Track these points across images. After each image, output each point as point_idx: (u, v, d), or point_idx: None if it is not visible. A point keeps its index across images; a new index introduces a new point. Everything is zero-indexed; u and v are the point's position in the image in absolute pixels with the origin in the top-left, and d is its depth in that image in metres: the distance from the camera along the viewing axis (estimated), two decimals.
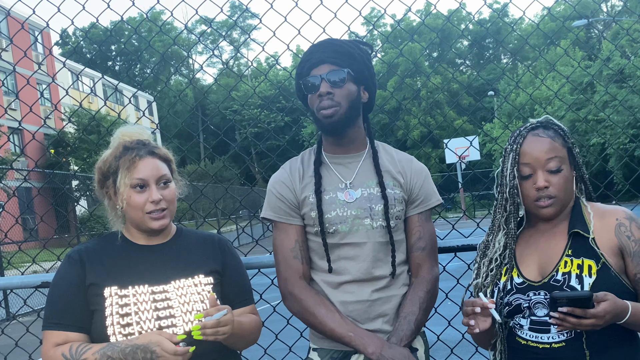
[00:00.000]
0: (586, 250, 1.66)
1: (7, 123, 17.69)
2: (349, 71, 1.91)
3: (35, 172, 12.63)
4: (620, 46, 23.07)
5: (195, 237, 1.93)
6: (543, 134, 1.74)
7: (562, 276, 1.65)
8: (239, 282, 1.94)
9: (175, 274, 1.80)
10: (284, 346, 2.89)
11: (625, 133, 19.59)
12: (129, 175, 1.74)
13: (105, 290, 1.74)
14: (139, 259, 1.80)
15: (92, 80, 29.68)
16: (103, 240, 1.86)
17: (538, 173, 1.70)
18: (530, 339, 1.69)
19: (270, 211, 2.00)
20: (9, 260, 3.89)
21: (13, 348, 2.94)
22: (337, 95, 1.90)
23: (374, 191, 1.94)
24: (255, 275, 2.78)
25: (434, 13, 24.25)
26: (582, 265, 1.64)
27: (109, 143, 1.87)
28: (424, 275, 1.97)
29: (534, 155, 1.71)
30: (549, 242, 1.74)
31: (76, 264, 1.77)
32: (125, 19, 3.12)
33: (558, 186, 1.70)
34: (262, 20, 3.09)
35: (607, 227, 1.69)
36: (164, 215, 1.77)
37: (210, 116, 45.76)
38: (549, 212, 1.71)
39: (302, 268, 1.95)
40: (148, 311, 1.72)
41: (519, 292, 1.71)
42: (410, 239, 2.00)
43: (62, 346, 1.72)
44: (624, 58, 22.42)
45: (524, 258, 1.76)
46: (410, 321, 1.89)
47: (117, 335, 1.69)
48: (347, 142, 1.99)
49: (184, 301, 1.76)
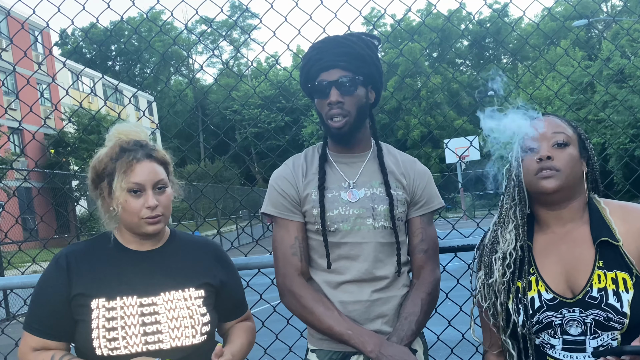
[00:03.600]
0: (617, 262, 1.55)
1: (7, 123, 17.69)
2: (359, 78, 1.89)
3: (35, 172, 12.63)
4: (620, 46, 23.06)
5: (189, 244, 1.87)
6: (552, 116, 1.69)
7: (598, 293, 1.53)
8: (235, 296, 1.92)
9: (165, 284, 1.74)
10: (284, 346, 2.89)
11: (625, 133, 19.56)
12: (126, 179, 1.68)
13: (92, 302, 1.68)
14: (129, 266, 1.74)
15: (92, 80, 29.68)
16: (94, 242, 1.80)
17: (542, 145, 1.61)
18: (563, 358, 1.58)
19: (271, 206, 1.98)
20: (9, 260, 3.89)
21: (13, 348, 2.94)
22: (347, 104, 1.88)
23: (377, 191, 1.94)
24: (255, 276, 2.78)
25: (434, 13, 24.26)
26: (617, 280, 1.53)
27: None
28: (425, 277, 1.97)
29: (540, 130, 1.63)
30: (573, 251, 1.61)
31: (62, 272, 1.71)
32: (125, 19, 3.12)
33: (563, 160, 1.59)
34: (262, 20, 3.09)
35: (633, 232, 1.57)
36: (159, 220, 1.72)
37: (210, 116, 45.67)
38: (550, 184, 1.58)
39: (300, 265, 1.94)
40: (135, 325, 1.67)
41: (551, 310, 1.58)
42: (413, 241, 2.00)
43: (43, 353, 1.69)
44: (624, 58, 22.40)
45: (547, 268, 1.63)
46: (412, 322, 1.88)
47: (102, 348, 1.64)
48: (354, 144, 1.99)
49: (172, 316, 1.70)
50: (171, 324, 1.70)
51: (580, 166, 1.65)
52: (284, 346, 2.89)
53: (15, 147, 20.63)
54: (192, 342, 1.71)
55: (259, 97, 7.98)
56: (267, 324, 2.82)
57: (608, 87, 6.05)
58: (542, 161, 1.60)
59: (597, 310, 1.53)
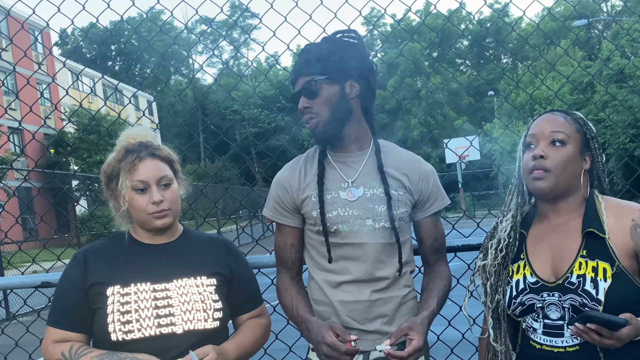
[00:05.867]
0: (601, 252, 1.61)
1: (7, 123, 17.70)
2: (319, 78, 1.88)
3: (35, 172, 12.62)
4: (620, 46, 23.05)
5: (201, 239, 1.95)
6: (558, 114, 1.71)
7: (576, 278, 1.60)
8: (247, 288, 1.98)
9: (178, 272, 1.82)
10: (284, 346, 2.89)
11: (625, 133, 19.57)
12: (130, 177, 1.76)
13: (108, 289, 1.76)
14: (143, 257, 1.83)
15: (92, 80, 29.67)
16: (111, 239, 1.90)
17: (540, 144, 1.67)
18: (544, 343, 1.67)
19: (269, 210, 2.05)
20: (9, 260, 3.89)
21: (13, 348, 2.94)
22: (315, 107, 1.90)
23: (377, 191, 1.93)
24: (256, 276, 2.78)
25: (434, 13, 24.23)
26: (597, 269, 1.59)
27: (109, 143, 1.89)
28: (444, 270, 2.02)
29: (540, 127, 1.69)
30: (562, 240, 1.68)
31: (79, 265, 1.81)
32: (125, 19, 3.12)
33: (555, 160, 1.64)
34: (262, 20, 3.08)
35: (622, 228, 1.63)
36: (166, 214, 1.79)
37: (210, 116, 45.68)
38: (541, 185, 1.64)
39: (290, 267, 2.03)
40: (148, 309, 1.74)
41: (533, 292, 1.67)
42: (427, 242, 2.02)
43: (63, 345, 1.76)
44: (624, 58, 22.40)
45: (537, 254, 1.71)
46: (437, 295, 1.93)
47: (117, 332, 1.71)
48: (348, 142, 1.96)
49: (184, 300, 1.77)
50: (183, 308, 1.76)
51: (580, 164, 1.68)
52: (284, 346, 2.89)
53: (15, 147, 20.64)
54: (205, 326, 1.76)
55: (259, 97, 8.01)
56: None
57: (608, 87, 6.06)
58: (535, 159, 1.65)
59: (573, 295, 1.60)
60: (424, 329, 1.77)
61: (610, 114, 18.23)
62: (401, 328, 1.76)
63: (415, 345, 1.70)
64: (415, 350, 1.70)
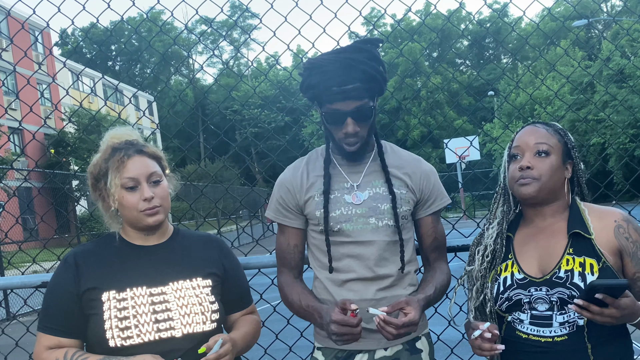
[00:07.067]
0: (587, 250, 1.69)
1: (7, 123, 17.72)
2: (373, 103, 1.89)
3: (35, 172, 12.64)
4: (620, 46, 23.07)
5: (193, 238, 1.92)
6: (540, 126, 1.82)
7: (564, 273, 1.67)
8: (239, 286, 1.96)
9: (173, 275, 1.79)
10: (284, 346, 2.89)
11: (625, 133, 19.60)
12: (119, 175, 1.72)
13: (103, 294, 1.71)
14: (136, 259, 1.79)
15: (92, 80, 29.72)
16: (100, 241, 1.84)
17: (525, 155, 1.76)
18: (531, 332, 1.71)
19: (272, 212, 2.05)
20: (9, 260, 3.89)
21: (13, 348, 2.94)
22: (363, 130, 1.89)
23: (380, 190, 1.95)
24: (256, 276, 2.78)
25: (434, 13, 24.24)
26: (584, 264, 1.67)
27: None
28: (444, 267, 2.04)
29: (524, 139, 1.79)
30: (548, 240, 1.76)
31: (71, 269, 1.75)
32: (125, 19, 3.12)
33: (542, 170, 1.73)
34: (262, 20, 3.09)
35: (606, 229, 1.72)
36: (157, 211, 1.75)
37: (210, 116, 45.70)
38: (527, 190, 1.73)
39: (293, 267, 2.03)
40: (146, 314, 1.71)
41: (520, 288, 1.73)
42: (427, 240, 2.03)
43: (57, 351, 1.71)
44: (624, 58, 22.41)
45: (524, 254, 1.78)
46: (435, 285, 1.93)
47: (115, 339, 1.67)
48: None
49: (182, 304, 1.75)
50: (182, 311, 1.74)
51: (563, 173, 1.78)
52: (284, 346, 2.89)
53: (15, 147, 20.65)
54: (203, 329, 1.75)
55: (259, 97, 8.10)
56: (267, 324, 2.82)
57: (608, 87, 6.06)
58: (522, 170, 1.75)
59: (562, 288, 1.67)
60: (420, 307, 1.78)
61: (610, 114, 18.24)
62: (399, 301, 1.75)
63: (411, 317, 1.70)
64: (410, 323, 1.70)
